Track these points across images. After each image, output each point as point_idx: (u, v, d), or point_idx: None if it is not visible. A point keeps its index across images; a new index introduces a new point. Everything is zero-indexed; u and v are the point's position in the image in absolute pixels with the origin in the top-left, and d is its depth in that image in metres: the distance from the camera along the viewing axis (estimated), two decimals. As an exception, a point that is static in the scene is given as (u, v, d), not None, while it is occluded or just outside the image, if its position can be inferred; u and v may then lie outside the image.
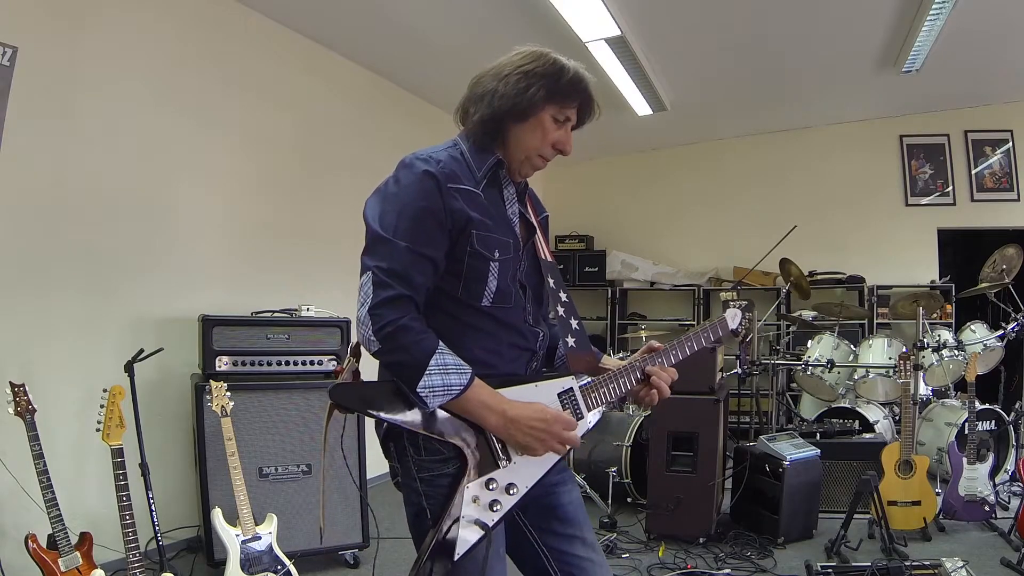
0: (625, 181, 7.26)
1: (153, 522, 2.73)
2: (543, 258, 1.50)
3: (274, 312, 3.40)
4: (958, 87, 5.59)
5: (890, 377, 4.41)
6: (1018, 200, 5.99)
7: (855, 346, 4.79)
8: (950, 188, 6.16)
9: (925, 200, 6.23)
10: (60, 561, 2.29)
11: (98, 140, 3.10)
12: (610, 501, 3.79)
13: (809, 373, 4.69)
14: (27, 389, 2.35)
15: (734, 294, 5.54)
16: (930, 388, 4.54)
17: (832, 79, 5.38)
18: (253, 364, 3.11)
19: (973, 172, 6.10)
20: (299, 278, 4.15)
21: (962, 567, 2.72)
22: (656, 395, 1.47)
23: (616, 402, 1.50)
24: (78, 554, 2.34)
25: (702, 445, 3.48)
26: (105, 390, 2.43)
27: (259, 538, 2.69)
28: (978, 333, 4.46)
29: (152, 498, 2.73)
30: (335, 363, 3.27)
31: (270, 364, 3.15)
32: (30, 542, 2.28)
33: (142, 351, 2.84)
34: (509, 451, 1.33)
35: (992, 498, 3.55)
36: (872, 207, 6.32)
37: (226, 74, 3.75)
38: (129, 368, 2.81)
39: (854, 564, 3.02)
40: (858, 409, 4.32)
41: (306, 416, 3.15)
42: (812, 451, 3.57)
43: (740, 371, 4.50)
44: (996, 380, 4.87)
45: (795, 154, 6.63)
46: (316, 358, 3.25)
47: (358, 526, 3.20)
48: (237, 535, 2.65)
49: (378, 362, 1.34)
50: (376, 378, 1.37)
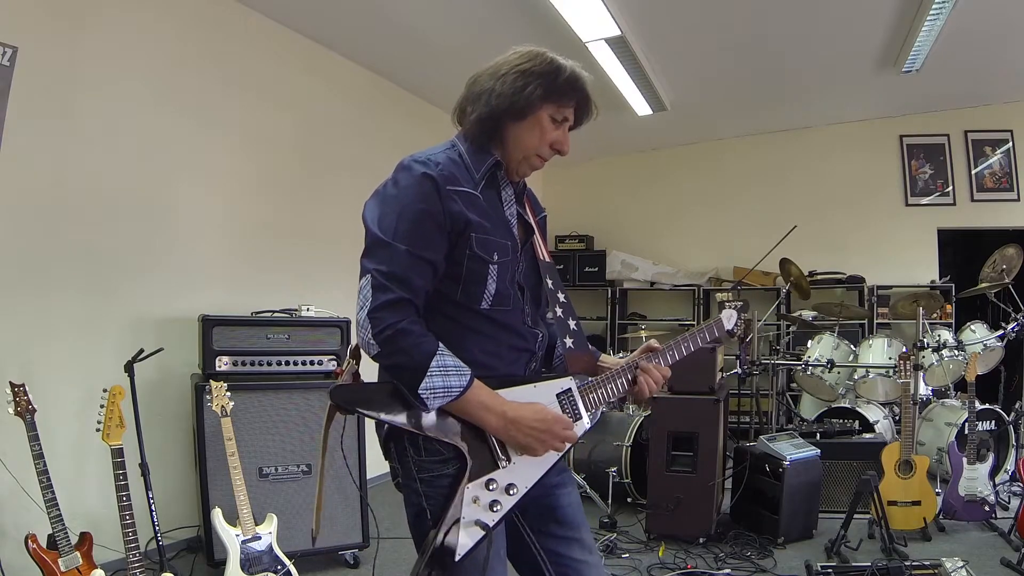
0: (625, 181, 7.26)
1: (153, 522, 2.73)
2: (541, 259, 1.50)
3: (274, 312, 3.40)
4: (958, 87, 5.59)
5: (890, 377, 4.41)
6: (1018, 200, 5.99)
7: (855, 346, 4.79)
8: (950, 188, 6.16)
9: (925, 200, 6.23)
10: (60, 561, 2.29)
11: (98, 140, 3.10)
12: (610, 501, 3.79)
13: (809, 373, 4.69)
14: (27, 389, 2.35)
15: (730, 295, 5.54)
16: (930, 388, 4.54)
17: (832, 79, 5.38)
18: (253, 364, 3.12)
19: (973, 172, 6.10)
20: (299, 278, 4.15)
21: (962, 567, 2.72)
22: (644, 391, 1.46)
23: (615, 402, 1.50)
24: (78, 554, 2.34)
25: (702, 445, 3.48)
26: (105, 390, 2.43)
27: (259, 538, 2.69)
28: (978, 333, 4.46)
29: (152, 498, 2.73)
30: (335, 363, 3.27)
31: (270, 364, 3.15)
32: (30, 542, 2.28)
33: (142, 351, 2.84)
34: (509, 451, 1.33)
35: (992, 498, 3.55)
36: (872, 207, 6.32)
37: (226, 74, 3.75)
38: (129, 368, 2.81)
39: (854, 564, 3.02)
40: (858, 409, 4.32)
41: (306, 416, 3.15)
42: (812, 451, 3.57)
43: (740, 371, 4.50)
44: (996, 380, 4.88)
45: (795, 154, 6.63)
46: (316, 358, 3.26)
47: (358, 526, 3.21)
48: (237, 535, 2.65)
49: (378, 364, 1.34)
50: (376, 380, 1.37)
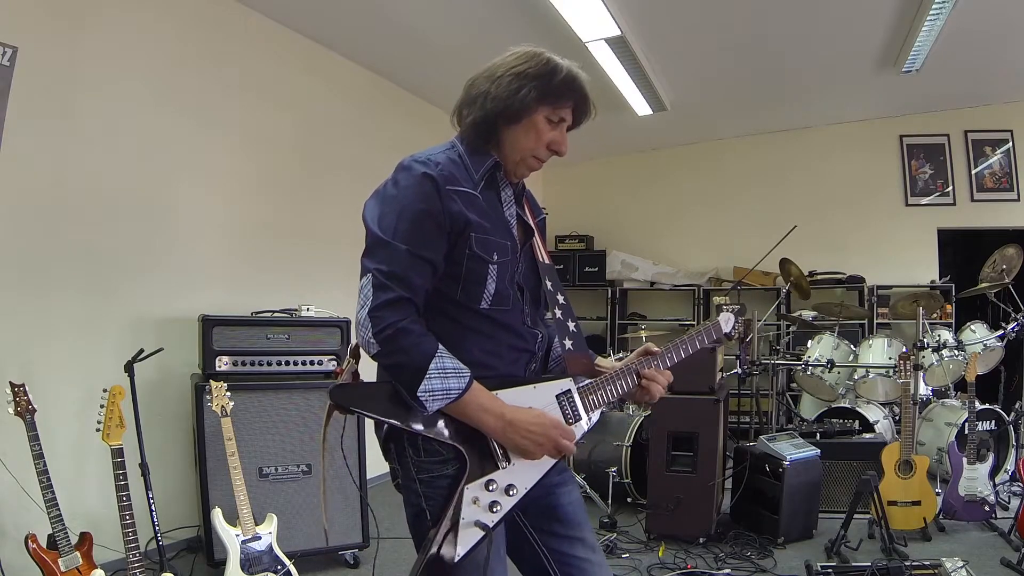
0: (625, 181, 7.26)
1: (153, 522, 2.73)
2: (541, 260, 1.49)
3: (274, 312, 3.40)
4: (958, 87, 5.58)
5: (890, 377, 4.41)
6: (1018, 200, 5.99)
7: (855, 346, 4.79)
8: (950, 188, 6.16)
9: (925, 200, 6.23)
10: (60, 561, 2.29)
11: (98, 140, 3.10)
12: (610, 501, 3.79)
13: (809, 373, 4.69)
14: (27, 389, 2.35)
15: (727, 298, 5.54)
16: (930, 388, 4.54)
17: (832, 79, 5.38)
18: (253, 364, 3.12)
19: (973, 172, 6.10)
20: (299, 278, 4.15)
21: (962, 567, 2.71)
22: (651, 396, 1.47)
23: (614, 403, 1.50)
24: (78, 554, 2.34)
25: (702, 445, 3.48)
26: (105, 390, 2.43)
27: (259, 538, 2.69)
28: (978, 333, 4.46)
29: (152, 498, 2.73)
30: (335, 363, 3.27)
31: (270, 364, 3.15)
32: (30, 542, 2.28)
33: (142, 351, 2.85)
34: (508, 452, 1.33)
35: (992, 498, 3.55)
36: (872, 207, 6.32)
37: (226, 74, 3.75)
38: (129, 368, 2.81)
39: (854, 564, 3.02)
40: (858, 409, 4.32)
41: (306, 416, 3.15)
42: (812, 451, 3.57)
43: (740, 371, 4.50)
44: (996, 380, 4.88)
45: (795, 154, 6.62)
46: (316, 358, 3.26)
47: (358, 526, 3.21)
48: (237, 535, 2.65)
49: (377, 364, 1.34)
50: (375, 380, 1.37)
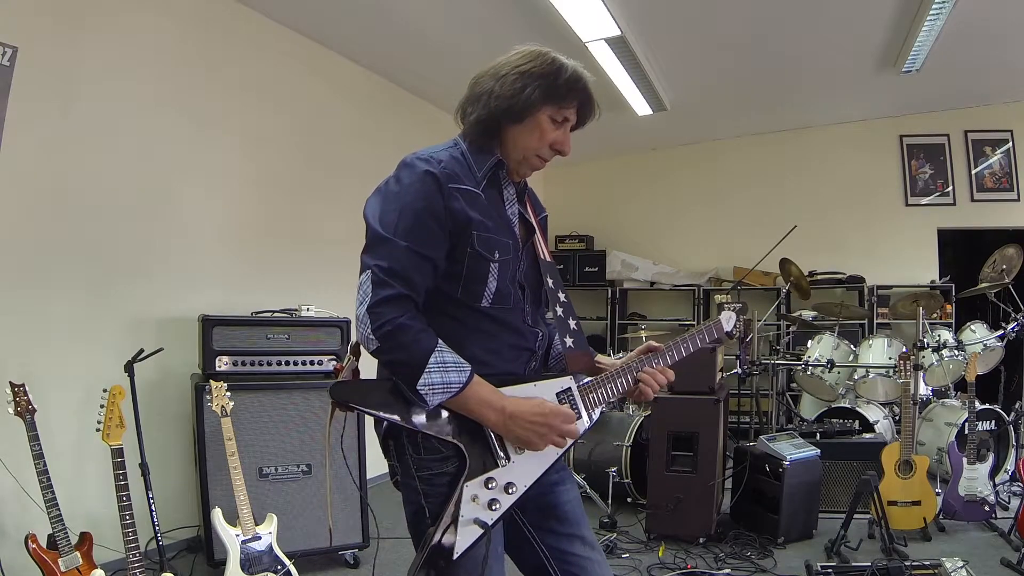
0: (625, 181, 7.26)
1: (153, 522, 2.73)
2: (542, 259, 1.50)
3: (274, 312, 3.40)
4: (958, 87, 5.58)
5: (890, 377, 4.41)
6: (1018, 200, 5.99)
7: (855, 346, 4.79)
8: (950, 188, 6.16)
9: (925, 200, 6.23)
10: (60, 561, 2.29)
11: (98, 140, 3.10)
12: (610, 501, 3.78)
13: (809, 373, 4.69)
14: (27, 389, 2.35)
15: (729, 297, 5.54)
16: (930, 388, 4.54)
17: (832, 79, 5.38)
18: (253, 364, 3.11)
19: (973, 172, 6.10)
20: (299, 278, 4.14)
21: (962, 567, 2.71)
22: (648, 394, 1.46)
23: (614, 402, 1.50)
24: (78, 554, 2.35)
25: (702, 445, 3.47)
26: (105, 390, 2.43)
27: (259, 538, 2.68)
28: (978, 333, 4.47)
29: (152, 498, 2.73)
30: (335, 363, 3.27)
31: (270, 364, 3.15)
32: (30, 542, 2.28)
33: (142, 351, 2.85)
34: (508, 450, 1.33)
35: (992, 498, 3.55)
36: (872, 207, 6.32)
37: (226, 74, 3.75)
38: (129, 368, 2.81)
39: (854, 564, 3.01)
40: (858, 409, 4.32)
41: (306, 416, 3.15)
42: (812, 451, 3.57)
43: (740, 371, 4.50)
44: (996, 380, 4.87)
45: (795, 154, 6.62)
46: (316, 358, 3.26)
47: (358, 526, 3.21)
48: (237, 535, 2.65)
49: (377, 361, 1.34)
50: (375, 377, 1.37)
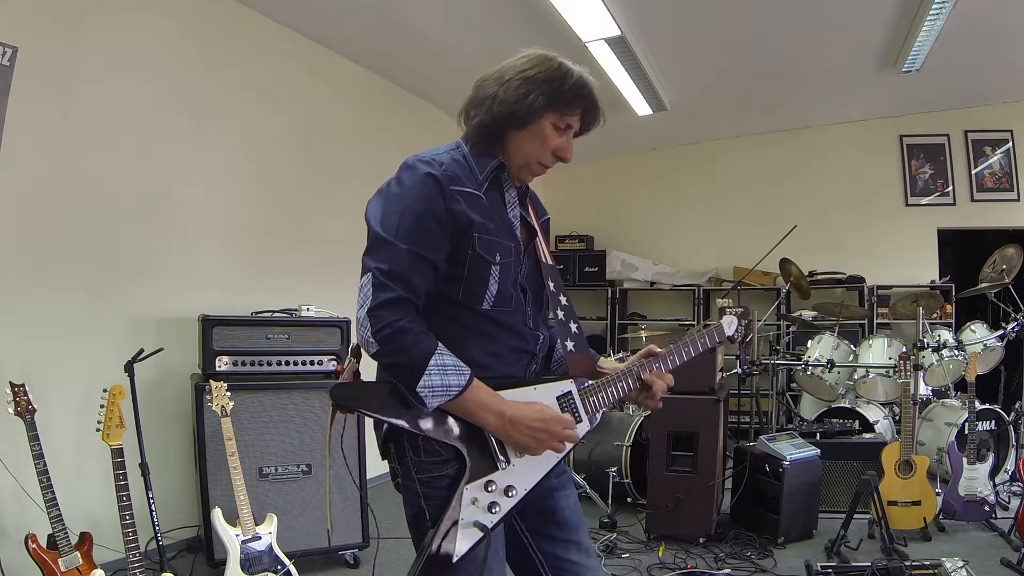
0: (625, 181, 7.26)
1: (153, 522, 2.73)
2: (544, 261, 1.49)
3: (274, 312, 3.40)
4: (958, 87, 5.59)
5: (890, 377, 4.41)
6: (1018, 200, 5.99)
7: (855, 346, 4.79)
8: (950, 188, 6.16)
9: (925, 200, 6.23)
10: (60, 561, 2.29)
11: (98, 140, 3.10)
12: (610, 501, 3.79)
13: (809, 373, 4.69)
14: (27, 389, 2.35)
15: (730, 300, 5.53)
16: (930, 388, 4.54)
17: (832, 79, 5.38)
18: (253, 364, 3.11)
19: (973, 172, 6.10)
20: (299, 278, 4.14)
21: (962, 567, 2.71)
22: (653, 400, 1.47)
23: (615, 405, 1.50)
24: (78, 554, 2.35)
25: (702, 445, 3.48)
26: (105, 390, 2.43)
27: (259, 538, 2.68)
28: (978, 333, 4.47)
29: (152, 498, 2.73)
30: (335, 363, 3.27)
31: (270, 364, 3.15)
32: (30, 542, 2.28)
33: (142, 351, 2.85)
34: (508, 453, 1.33)
35: (992, 498, 3.55)
36: (872, 207, 6.32)
37: (226, 74, 3.75)
38: (129, 368, 2.81)
39: (854, 564, 3.01)
40: (858, 409, 4.32)
41: (306, 416, 3.15)
42: (812, 451, 3.57)
43: (740, 371, 4.50)
44: (996, 380, 4.87)
45: (795, 154, 6.62)
46: (316, 358, 3.26)
47: (358, 526, 3.21)
48: (237, 535, 2.65)
49: (377, 363, 1.34)
50: (375, 379, 1.37)
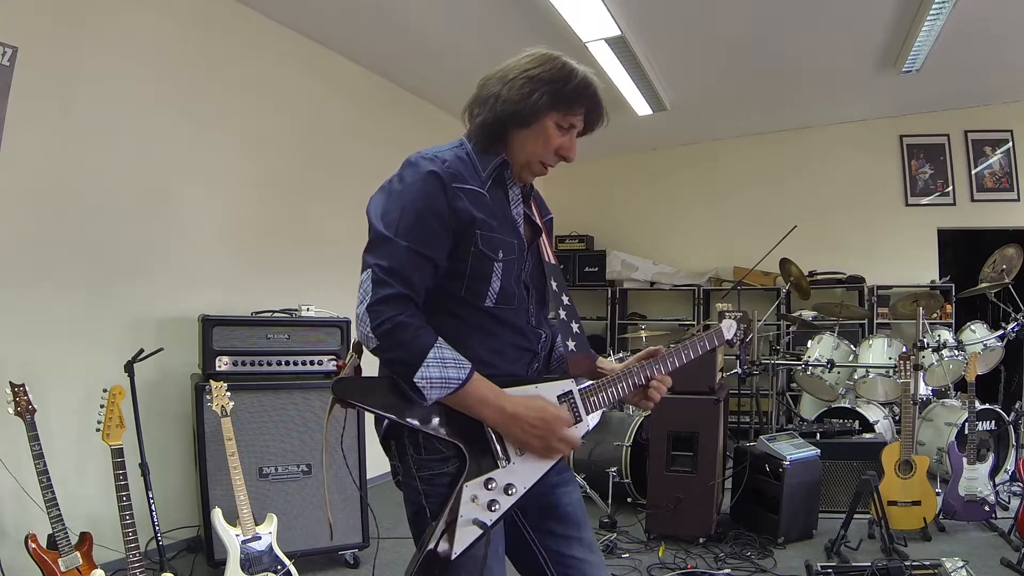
0: (625, 181, 7.26)
1: (153, 522, 2.73)
2: (547, 260, 1.49)
3: (274, 312, 3.40)
4: (958, 87, 5.59)
5: (890, 377, 4.41)
6: (1018, 200, 5.99)
7: (855, 346, 4.79)
8: (950, 188, 6.16)
9: (925, 200, 6.23)
10: (60, 561, 2.29)
11: (98, 140, 3.10)
12: (610, 501, 3.79)
13: (809, 373, 4.69)
14: (27, 389, 2.35)
15: (729, 304, 5.53)
16: (930, 388, 4.54)
17: (832, 79, 5.38)
18: (253, 364, 3.11)
19: (973, 172, 6.10)
20: (299, 278, 4.14)
21: (962, 567, 2.71)
22: (652, 401, 1.47)
23: (614, 405, 1.50)
24: (78, 554, 2.35)
25: (702, 445, 3.48)
26: (105, 390, 2.43)
27: (259, 538, 2.68)
28: (978, 333, 4.47)
29: (152, 498, 2.73)
30: (335, 363, 3.27)
31: (270, 364, 3.15)
32: (30, 542, 2.28)
33: (142, 351, 2.85)
34: (509, 451, 1.33)
35: (992, 498, 3.55)
36: (872, 207, 6.33)
37: (226, 74, 3.75)
38: (129, 368, 2.81)
39: (854, 564, 3.01)
40: (858, 409, 4.32)
41: (306, 416, 3.15)
42: (812, 451, 3.57)
43: (740, 371, 4.50)
44: (996, 380, 4.87)
45: (795, 154, 6.62)
46: (316, 358, 3.26)
47: (358, 526, 3.21)
48: (237, 535, 2.65)
49: (378, 360, 1.34)
50: (377, 375, 1.37)
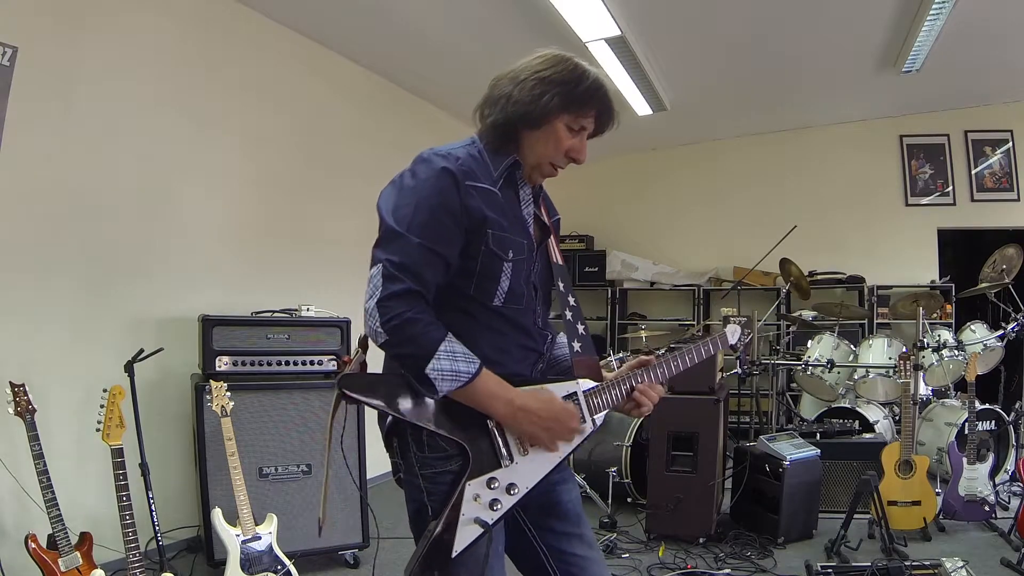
0: (625, 181, 7.26)
1: (153, 522, 2.73)
2: (554, 262, 1.49)
3: (274, 312, 3.40)
4: (958, 87, 5.59)
5: (890, 377, 4.41)
6: (1018, 200, 5.99)
7: (855, 346, 4.79)
8: (950, 188, 6.16)
9: (925, 200, 6.23)
10: (60, 561, 2.29)
11: (98, 140, 3.10)
12: (610, 501, 3.78)
13: (809, 373, 4.69)
14: (27, 389, 2.35)
15: (735, 309, 5.54)
16: (930, 388, 4.54)
17: (832, 79, 5.38)
18: (253, 364, 3.11)
19: (973, 172, 6.10)
20: (299, 278, 4.14)
21: (962, 567, 2.71)
22: (639, 411, 1.47)
23: (616, 407, 1.51)
24: (78, 554, 2.35)
25: (702, 445, 3.47)
26: (105, 390, 2.42)
27: (259, 538, 2.68)
28: (978, 333, 4.47)
29: (152, 498, 2.73)
30: (335, 363, 3.27)
31: (270, 364, 3.15)
32: (30, 542, 2.28)
33: (142, 351, 2.85)
34: (512, 451, 1.33)
35: (992, 498, 3.55)
36: (872, 207, 6.33)
37: (226, 74, 3.75)
38: (129, 368, 2.81)
39: (854, 564, 3.01)
40: (858, 409, 4.32)
41: (306, 416, 3.15)
42: (812, 451, 3.57)
43: (740, 371, 4.50)
44: (996, 380, 4.87)
45: (795, 154, 6.63)
46: (316, 358, 3.25)
47: (358, 526, 3.21)
48: (237, 535, 2.65)
49: (383, 355, 1.33)
50: (382, 371, 1.37)
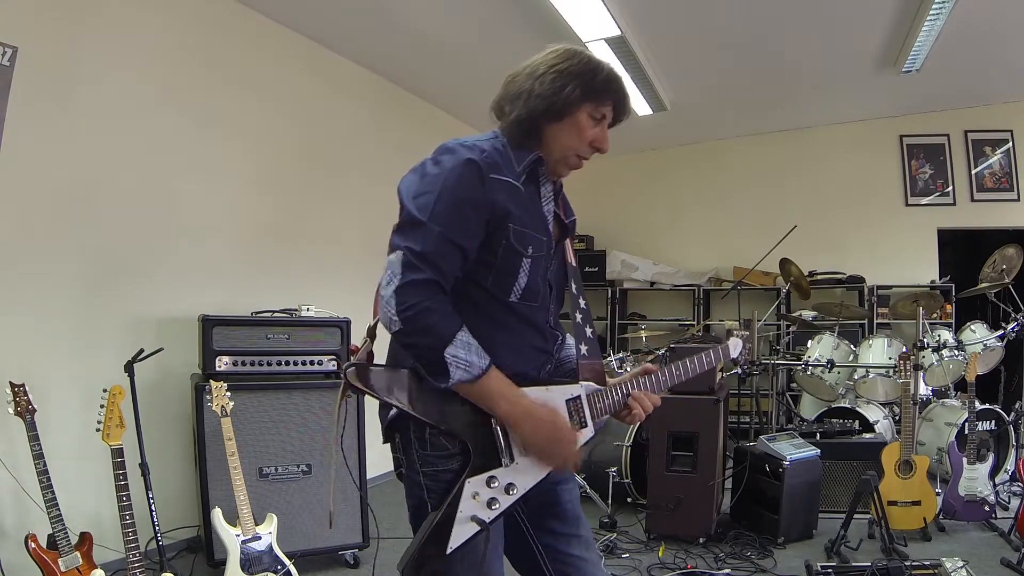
0: (625, 181, 7.26)
1: (153, 522, 2.73)
2: (569, 262, 1.49)
3: (274, 312, 3.40)
4: (958, 87, 5.58)
5: (890, 377, 4.41)
6: (1018, 200, 5.99)
7: (855, 346, 4.79)
8: (950, 188, 6.16)
9: (925, 200, 6.23)
10: (60, 561, 2.29)
11: (98, 140, 3.10)
12: (610, 501, 3.78)
13: (809, 373, 4.69)
14: (27, 389, 2.35)
15: (739, 324, 5.55)
16: (930, 388, 4.54)
17: (832, 79, 5.38)
18: (253, 364, 3.11)
19: (973, 172, 6.10)
20: (299, 278, 4.14)
21: (962, 567, 2.71)
22: (631, 418, 1.47)
23: (615, 412, 1.51)
24: (78, 554, 2.35)
25: (702, 445, 3.47)
26: (105, 390, 2.43)
27: (259, 538, 2.68)
28: (978, 333, 4.46)
29: (152, 498, 2.73)
30: (335, 363, 3.27)
31: (270, 364, 3.15)
32: (30, 542, 2.28)
33: (142, 351, 2.85)
34: (514, 451, 1.33)
35: (992, 498, 3.55)
36: (872, 207, 6.32)
37: (227, 74, 3.75)
38: (129, 368, 2.81)
39: (854, 564, 3.01)
40: (858, 409, 4.32)
41: (306, 416, 3.15)
42: (812, 451, 3.57)
43: (740, 371, 4.50)
44: (996, 380, 4.88)
45: (795, 154, 6.62)
46: (316, 358, 3.25)
47: (358, 526, 3.21)
48: (237, 535, 2.65)
49: (387, 346, 1.33)
50: (387, 359, 1.36)
